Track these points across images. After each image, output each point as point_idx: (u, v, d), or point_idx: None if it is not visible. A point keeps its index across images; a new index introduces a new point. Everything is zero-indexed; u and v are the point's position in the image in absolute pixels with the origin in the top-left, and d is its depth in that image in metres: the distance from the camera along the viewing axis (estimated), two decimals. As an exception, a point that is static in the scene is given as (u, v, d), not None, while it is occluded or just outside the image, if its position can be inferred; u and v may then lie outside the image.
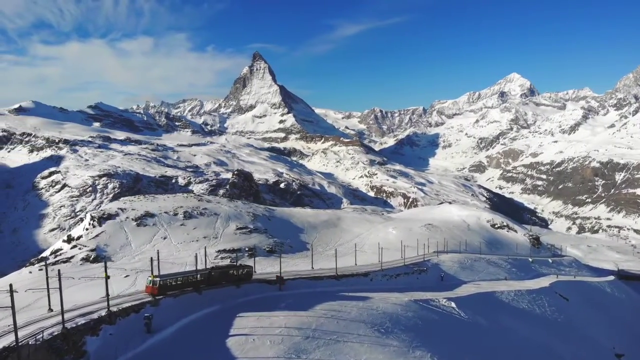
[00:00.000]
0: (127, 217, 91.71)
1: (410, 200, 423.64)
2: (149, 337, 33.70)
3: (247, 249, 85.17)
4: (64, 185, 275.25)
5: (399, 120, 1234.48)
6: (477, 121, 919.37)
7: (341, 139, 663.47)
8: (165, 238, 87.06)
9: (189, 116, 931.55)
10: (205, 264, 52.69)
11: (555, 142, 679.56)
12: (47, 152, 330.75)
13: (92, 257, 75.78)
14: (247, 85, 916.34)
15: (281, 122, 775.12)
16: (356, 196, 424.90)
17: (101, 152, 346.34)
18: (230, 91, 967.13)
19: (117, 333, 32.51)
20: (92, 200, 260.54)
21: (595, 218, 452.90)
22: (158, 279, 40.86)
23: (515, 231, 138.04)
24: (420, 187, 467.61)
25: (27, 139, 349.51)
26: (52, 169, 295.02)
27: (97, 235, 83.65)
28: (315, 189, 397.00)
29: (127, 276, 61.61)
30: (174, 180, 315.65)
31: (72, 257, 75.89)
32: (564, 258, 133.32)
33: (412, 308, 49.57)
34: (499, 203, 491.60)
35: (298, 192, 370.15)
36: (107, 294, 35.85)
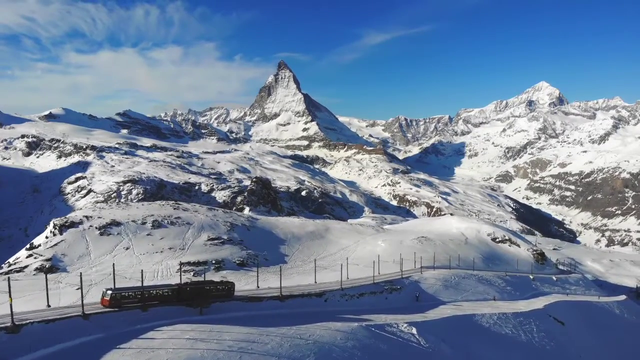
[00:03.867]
0: (90, 226, 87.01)
1: (434, 209, 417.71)
2: None
3: (214, 261, 79.19)
4: (90, 191, 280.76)
5: (424, 129, 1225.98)
6: (504, 130, 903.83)
7: (364, 147, 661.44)
8: (127, 248, 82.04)
9: (215, 124, 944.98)
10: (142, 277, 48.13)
11: (585, 152, 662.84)
12: (75, 158, 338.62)
13: (47, 267, 71.63)
14: (272, 93, 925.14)
15: (305, 130, 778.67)
16: (378, 205, 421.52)
17: (127, 158, 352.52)
18: (255, 99, 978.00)
19: None
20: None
21: (625, 230, 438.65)
22: (110, 291, 39.10)
23: (518, 245, 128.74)
24: (444, 196, 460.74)
25: (55, 145, 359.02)
26: (79, 174, 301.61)
27: (55, 244, 79.17)
28: (337, 197, 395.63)
29: (78, 288, 58.88)
30: (197, 187, 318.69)
31: (27, 266, 72.18)
32: (570, 275, 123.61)
33: (358, 335, 41.77)
34: (525, 214, 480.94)
35: (319, 200, 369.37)
36: None
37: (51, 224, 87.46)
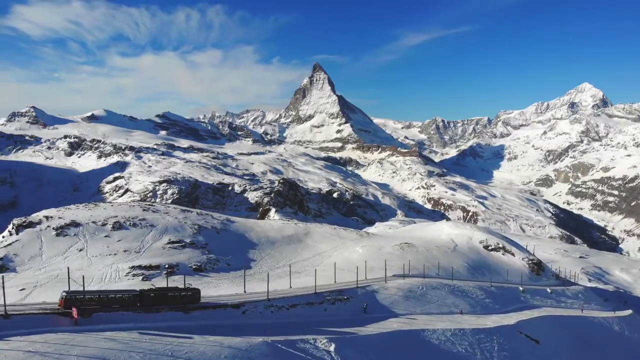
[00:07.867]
0: (47, 226, 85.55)
1: (470, 214, 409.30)
2: None
3: (167, 265, 75.75)
4: (127, 190, 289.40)
5: (461, 131, 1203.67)
6: (545, 133, 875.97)
7: (398, 149, 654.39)
8: (81, 250, 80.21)
9: (251, 126, 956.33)
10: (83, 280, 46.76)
11: (629, 156, 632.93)
12: (114, 158, 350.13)
13: None
14: (306, 95, 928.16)
15: (338, 131, 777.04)
16: (411, 208, 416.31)
17: (164, 159, 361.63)
18: (290, 101, 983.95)
19: None
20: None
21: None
22: (65, 293, 39.38)
23: (513, 254, 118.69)
24: (481, 200, 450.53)
25: (96, 146, 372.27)
26: (117, 174, 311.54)
27: (10, 244, 78.59)
28: (369, 200, 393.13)
29: (22, 289, 58.48)
30: (230, 188, 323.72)
31: (-25, 265, 72.26)
32: (569, 288, 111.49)
33: (254, 353, 35.07)
34: (566, 219, 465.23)
35: (351, 202, 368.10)
36: None
37: (11, 223, 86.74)
